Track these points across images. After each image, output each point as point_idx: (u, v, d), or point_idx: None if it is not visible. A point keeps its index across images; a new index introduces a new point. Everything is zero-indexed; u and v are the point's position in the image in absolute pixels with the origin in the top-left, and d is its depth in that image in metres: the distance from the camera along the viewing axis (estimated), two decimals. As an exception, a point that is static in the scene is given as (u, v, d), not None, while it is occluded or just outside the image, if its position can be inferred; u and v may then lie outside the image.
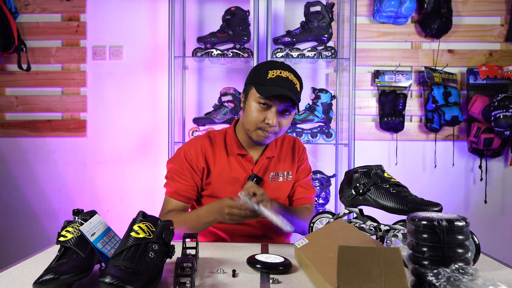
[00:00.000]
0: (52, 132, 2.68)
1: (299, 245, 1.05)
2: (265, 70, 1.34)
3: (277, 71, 1.32)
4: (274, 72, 1.32)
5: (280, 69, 1.33)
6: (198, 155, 1.42)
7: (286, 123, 1.38)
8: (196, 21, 2.67)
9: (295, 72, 1.37)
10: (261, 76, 1.34)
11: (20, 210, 2.68)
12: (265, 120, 1.33)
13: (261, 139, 1.37)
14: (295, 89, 1.33)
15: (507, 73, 2.53)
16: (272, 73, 1.32)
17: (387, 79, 2.62)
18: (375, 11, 2.59)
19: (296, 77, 1.35)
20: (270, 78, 1.31)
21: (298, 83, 1.35)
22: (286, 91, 1.29)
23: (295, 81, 1.34)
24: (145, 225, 0.92)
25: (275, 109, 1.33)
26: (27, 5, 2.65)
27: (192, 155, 1.42)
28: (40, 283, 0.82)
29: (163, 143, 2.54)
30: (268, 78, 1.32)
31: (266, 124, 1.33)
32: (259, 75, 1.35)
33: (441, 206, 0.99)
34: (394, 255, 0.73)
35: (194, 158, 1.42)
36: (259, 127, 1.35)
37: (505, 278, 0.97)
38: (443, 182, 2.67)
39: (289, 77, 1.32)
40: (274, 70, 1.33)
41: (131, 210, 2.49)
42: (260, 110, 1.34)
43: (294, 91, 1.32)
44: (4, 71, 2.67)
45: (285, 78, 1.31)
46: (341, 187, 1.18)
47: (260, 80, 1.34)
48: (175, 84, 2.35)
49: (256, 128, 1.36)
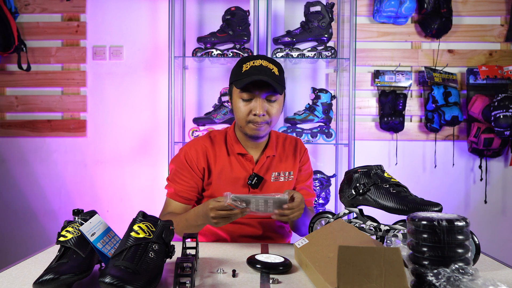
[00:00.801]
0: (52, 132, 2.68)
1: (299, 245, 1.05)
2: (240, 65, 1.36)
3: (250, 63, 1.34)
4: (247, 64, 1.34)
5: (253, 60, 1.35)
6: (199, 156, 1.42)
7: (275, 110, 1.37)
8: (196, 21, 2.67)
9: (271, 58, 1.37)
10: (237, 72, 1.36)
11: (20, 210, 2.68)
12: (252, 112, 1.34)
13: (255, 132, 1.37)
14: (271, 74, 1.32)
15: (507, 73, 2.53)
16: (246, 66, 1.34)
17: (387, 79, 2.62)
18: (375, 11, 2.59)
19: (271, 63, 1.35)
20: (245, 71, 1.33)
21: (275, 68, 1.34)
22: (261, 76, 1.30)
23: (270, 66, 1.33)
24: (145, 225, 0.92)
25: (259, 98, 1.33)
26: (27, 5, 2.65)
27: (192, 155, 1.42)
28: (40, 283, 0.82)
29: (163, 143, 2.54)
30: (243, 71, 1.34)
31: (253, 115, 1.34)
32: (235, 72, 1.37)
33: (441, 206, 1.00)
34: (394, 255, 0.73)
35: (194, 158, 1.42)
36: (249, 121, 1.36)
37: (505, 278, 0.97)
38: (443, 182, 2.67)
39: (263, 64, 1.33)
40: (247, 62, 1.35)
41: (131, 210, 2.49)
42: (245, 104, 1.35)
43: (270, 76, 1.31)
44: (4, 71, 2.67)
45: (258, 66, 1.32)
46: (341, 187, 1.18)
47: (237, 76, 1.36)
48: (175, 84, 2.35)
49: (247, 122, 1.36)
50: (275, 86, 1.30)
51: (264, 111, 1.34)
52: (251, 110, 1.34)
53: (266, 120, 1.35)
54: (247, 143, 1.45)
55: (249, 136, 1.40)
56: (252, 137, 1.41)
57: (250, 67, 1.33)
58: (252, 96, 1.33)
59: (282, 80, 1.37)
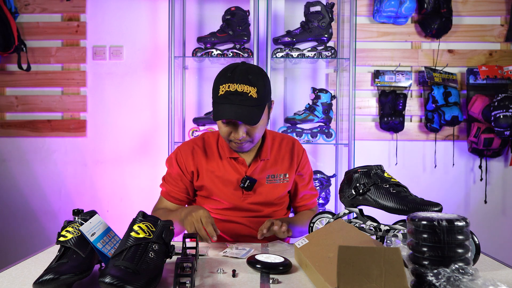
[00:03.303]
0: (52, 132, 2.68)
1: (299, 245, 1.05)
2: (217, 85, 1.29)
3: (226, 85, 1.26)
4: (224, 86, 1.26)
5: (229, 82, 1.25)
6: (188, 158, 1.43)
7: (256, 131, 1.32)
8: (196, 21, 2.67)
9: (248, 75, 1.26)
10: (215, 91, 1.29)
11: (20, 210, 2.68)
12: (231, 135, 1.32)
13: (238, 149, 1.37)
14: (248, 99, 1.24)
15: (507, 73, 2.53)
16: (222, 88, 1.26)
17: (387, 79, 2.62)
18: (375, 11, 2.59)
19: (248, 83, 1.25)
20: (221, 95, 1.26)
21: (252, 90, 1.25)
22: (232, 110, 1.24)
23: (246, 90, 1.24)
24: (145, 225, 0.92)
25: (237, 124, 1.29)
26: (27, 5, 2.65)
27: (182, 158, 1.44)
28: (40, 283, 0.82)
29: (163, 143, 2.54)
30: (219, 95, 1.27)
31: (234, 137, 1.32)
32: (214, 90, 1.31)
33: (441, 206, 0.99)
34: (394, 255, 0.73)
35: (184, 161, 1.44)
36: (231, 140, 1.34)
37: (505, 278, 0.97)
38: (443, 182, 2.67)
39: (238, 89, 1.24)
40: (224, 84, 1.26)
41: (131, 210, 2.48)
42: (224, 126, 1.32)
43: (246, 102, 1.24)
44: (4, 71, 2.67)
45: (233, 92, 1.24)
46: (341, 187, 1.18)
47: (214, 97, 1.30)
48: (175, 84, 2.35)
49: (229, 141, 1.36)
50: (247, 121, 1.25)
51: (244, 133, 1.30)
52: (231, 132, 1.32)
53: (247, 140, 1.33)
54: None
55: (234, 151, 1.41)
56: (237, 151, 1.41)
57: (225, 92, 1.25)
58: (229, 121, 1.30)
59: (262, 99, 1.28)
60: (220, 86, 1.27)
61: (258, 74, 1.29)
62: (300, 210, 1.58)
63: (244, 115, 1.25)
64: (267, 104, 1.33)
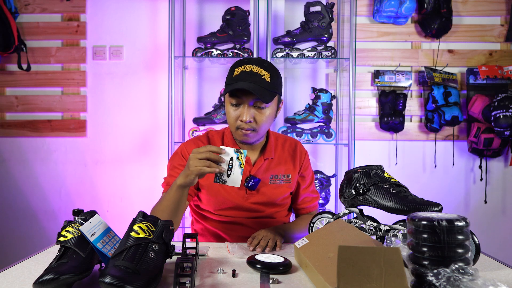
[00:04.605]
0: (52, 132, 2.68)
1: (299, 245, 1.05)
2: (232, 69, 1.33)
3: (241, 67, 1.30)
4: (239, 68, 1.31)
5: (244, 64, 1.31)
6: None
7: (264, 117, 1.33)
8: (196, 21, 2.67)
9: (266, 62, 1.33)
10: (229, 75, 1.33)
11: (20, 210, 2.68)
12: (239, 118, 1.32)
13: (243, 138, 1.36)
14: (260, 80, 1.28)
15: (507, 73, 2.53)
16: (237, 70, 1.30)
17: (387, 79, 2.62)
18: (375, 11, 2.59)
19: (264, 68, 1.30)
20: (235, 75, 1.30)
21: (266, 74, 1.29)
22: (246, 84, 1.26)
23: (261, 72, 1.29)
24: (145, 225, 0.92)
25: (246, 104, 1.31)
26: (27, 5, 2.65)
27: (188, 152, 1.43)
28: (40, 283, 0.82)
29: (163, 143, 2.54)
30: (233, 76, 1.30)
31: (240, 121, 1.32)
32: (228, 75, 1.35)
33: (441, 206, 1.00)
34: (394, 255, 0.73)
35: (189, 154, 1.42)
36: (237, 127, 1.34)
37: (505, 278, 0.97)
38: (443, 182, 2.67)
39: (253, 70, 1.28)
40: (239, 66, 1.31)
41: (131, 210, 2.48)
42: (234, 109, 1.33)
43: (259, 83, 1.27)
44: (4, 71, 2.67)
45: (248, 72, 1.28)
46: (341, 187, 1.18)
47: (228, 80, 1.33)
48: (175, 84, 2.35)
49: (236, 128, 1.35)
50: (259, 95, 1.26)
51: (251, 118, 1.31)
52: (239, 116, 1.32)
53: (253, 127, 1.33)
54: (243, 146, 1.44)
55: (239, 142, 1.41)
56: (242, 143, 1.41)
57: (240, 72, 1.29)
58: (239, 101, 1.31)
59: (274, 86, 1.32)
60: (235, 69, 1.31)
61: (272, 66, 1.34)
62: (301, 212, 1.58)
63: (257, 89, 1.27)
64: (277, 95, 1.35)
